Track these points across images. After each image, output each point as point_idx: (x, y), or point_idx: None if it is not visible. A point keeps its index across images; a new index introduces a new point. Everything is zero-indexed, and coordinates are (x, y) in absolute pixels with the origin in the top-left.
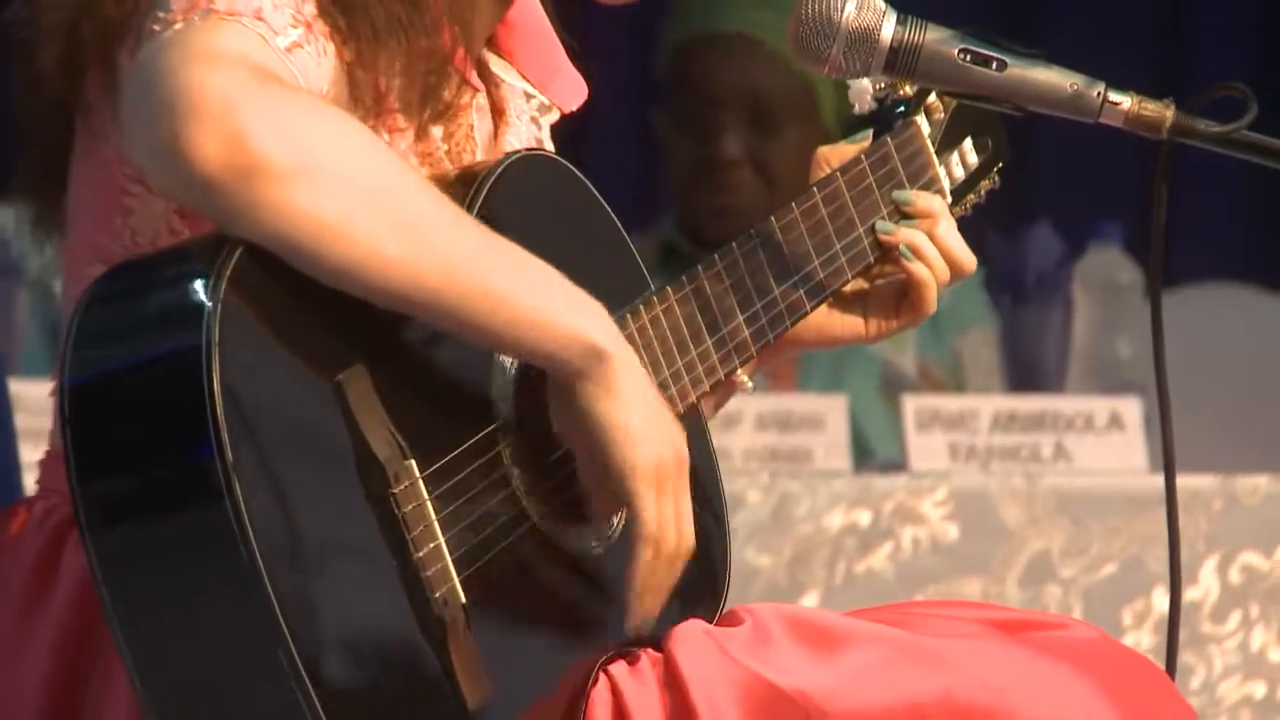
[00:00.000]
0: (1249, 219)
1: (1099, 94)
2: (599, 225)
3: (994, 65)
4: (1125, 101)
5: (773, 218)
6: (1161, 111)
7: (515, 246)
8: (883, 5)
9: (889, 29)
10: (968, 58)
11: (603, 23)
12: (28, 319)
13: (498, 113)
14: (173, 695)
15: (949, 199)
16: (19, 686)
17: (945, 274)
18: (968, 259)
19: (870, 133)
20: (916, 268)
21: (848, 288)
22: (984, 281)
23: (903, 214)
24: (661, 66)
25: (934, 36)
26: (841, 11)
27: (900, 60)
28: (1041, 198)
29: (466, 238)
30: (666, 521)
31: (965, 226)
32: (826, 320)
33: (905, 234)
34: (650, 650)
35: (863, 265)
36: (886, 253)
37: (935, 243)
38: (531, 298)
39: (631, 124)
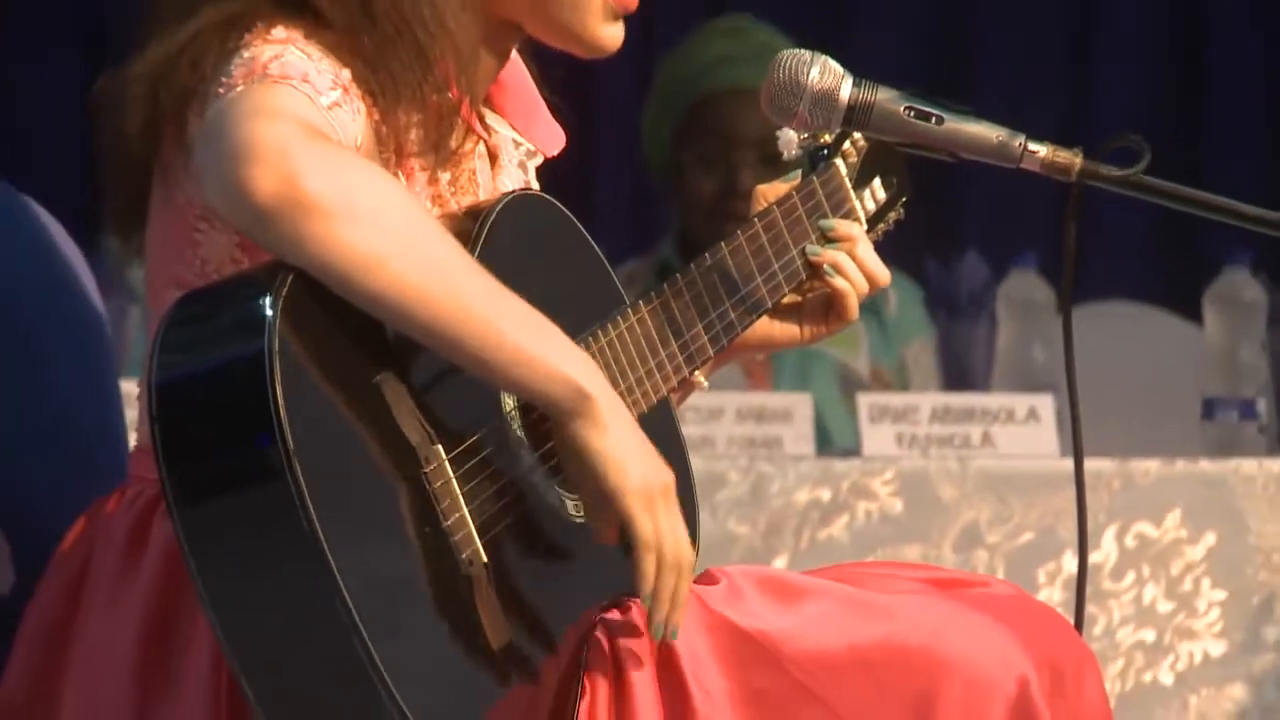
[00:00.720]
0: (1143, 248)
1: (1020, 144)
2: (582, 250)
3: (933, 120)
4: (1041, 150)
5: (722, 243)
6: (1071, 158)
7: (518, 298)
8: (841, 70)
9: (847, 90)
10: (912, 114)
11: (607, 74)
12: (137, 331)
13: (493, 158)
14: (249, 641)
15: (865, 226)
16: (115, 639)
17: (864, 286)
18: (882, 274)
19: (799, 173)
20: (839, 282)
21: (785, 300)
22: (924, 300)
23: (828, 239)
24: (671, 117)
25: (884, 96)
26: (807, 76)
27: (856, 116)
28: (970, 230)
29: (479, 283)
30: (662, 533)
31: (906, 254)
32: (769, 328)
33: (830, 255)
34: (639, 603)
35: (796, 282)
36: (816, 270)
37: (855, 261)
38: (529, 341)
39: (634, 161)
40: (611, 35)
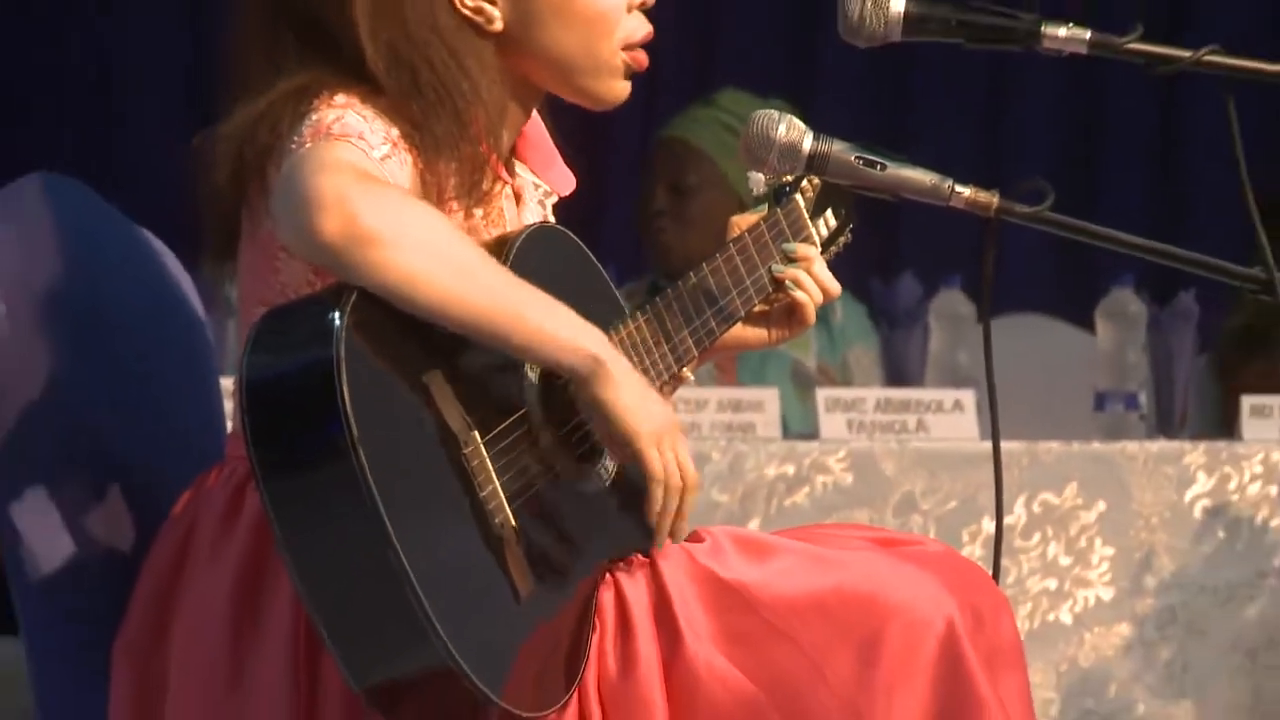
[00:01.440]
0: (1047, 271)
1: (949, 186)
2: (591, 271)
3: (878, 166)
4: (966, 191)
5: (704, 263)
6: (989, 198)
7: (538, 289)
8: (804, 126)
9: (808, 143)
10: (861, 162)
11: (616, 127)
12: (234, 339)
13: (517, 198)
14: (322, 590)
15: (820, 248)
16: (214, 589)
17: (819, 297)
18: (835, 287)
19: (766, 206)
20: (799, 294)
21: (755, 309)
22: (868, 313)
23: (789, 259)
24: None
25: (838, 147)
26: (776, 131)
27: (815, 163)
28: (906, 256)
29: (505, 283)
30: (669, 466)
31: (853, 275)
32: (742, 332)
33: (791, 272)
34: (640, 557)
35: (764, 295)
36: (780, 285)
37: (812, 277)
38: (549, 322)
39: (634, 198)
40: (623, 89)
